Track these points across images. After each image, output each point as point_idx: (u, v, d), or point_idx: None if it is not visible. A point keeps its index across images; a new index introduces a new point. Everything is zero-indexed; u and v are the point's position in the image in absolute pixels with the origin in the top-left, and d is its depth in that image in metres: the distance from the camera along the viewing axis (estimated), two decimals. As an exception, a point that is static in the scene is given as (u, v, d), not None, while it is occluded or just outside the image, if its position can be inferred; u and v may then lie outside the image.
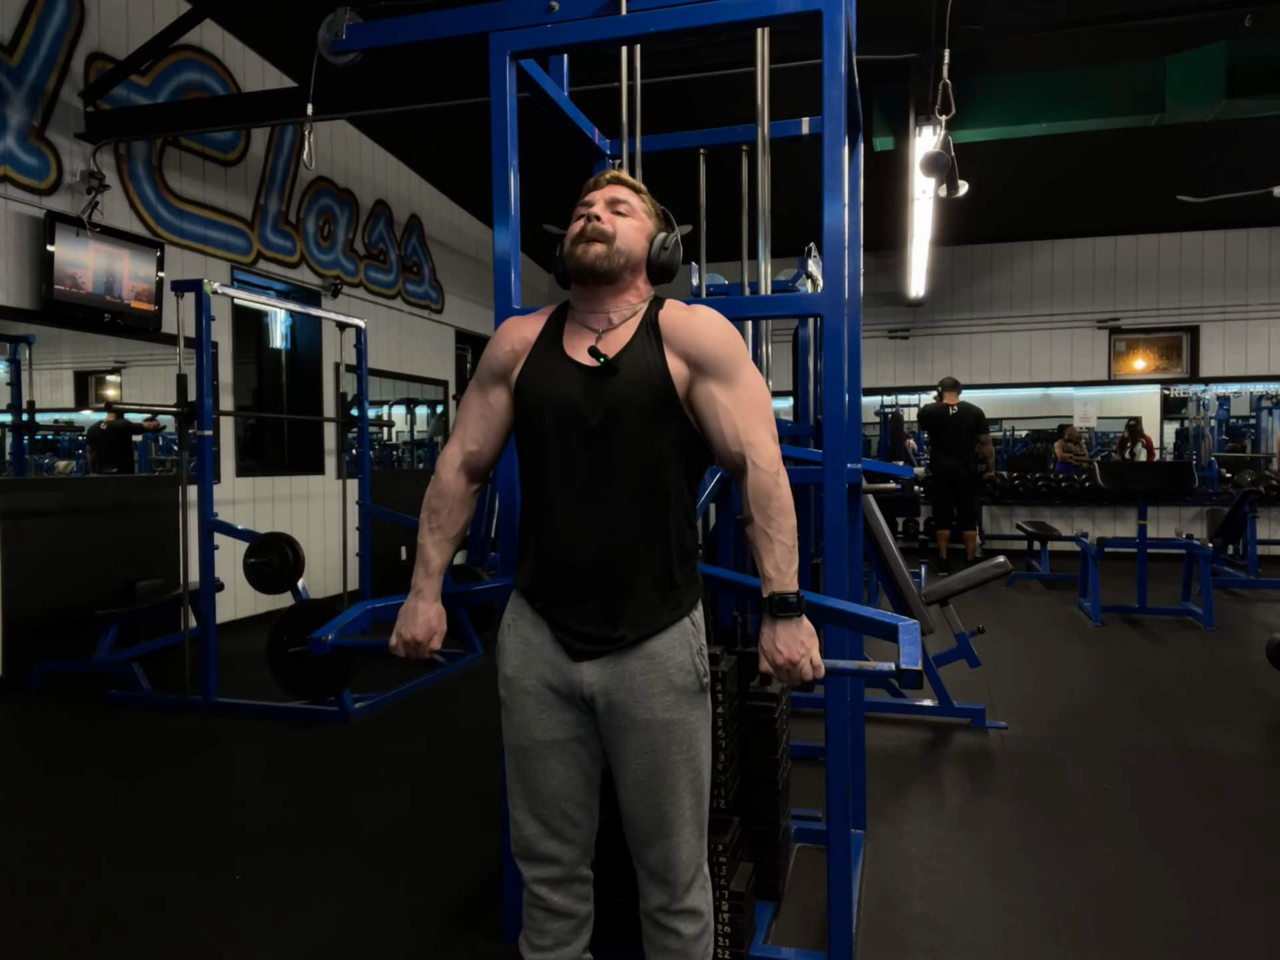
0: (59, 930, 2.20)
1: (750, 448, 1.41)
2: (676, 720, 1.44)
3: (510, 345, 1.55)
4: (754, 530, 1.42)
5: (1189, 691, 4.20)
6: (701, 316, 1.49)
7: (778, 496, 1.41)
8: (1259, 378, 9.23)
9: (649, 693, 1.43)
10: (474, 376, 1.60)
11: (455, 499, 1.57)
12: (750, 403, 1.45)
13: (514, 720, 1.51)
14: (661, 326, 1.48)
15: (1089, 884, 2.38)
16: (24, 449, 5.21)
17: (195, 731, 3.76)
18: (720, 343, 1.46)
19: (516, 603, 1.54)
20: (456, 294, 8.86)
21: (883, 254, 9.36)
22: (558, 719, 1.48)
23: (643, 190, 1.57)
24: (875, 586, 6.07)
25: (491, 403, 1.56)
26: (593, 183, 1.56)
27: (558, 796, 1.49)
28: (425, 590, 1.55)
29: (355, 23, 2.75)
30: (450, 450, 1.58)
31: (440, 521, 1.56)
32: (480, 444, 1.56)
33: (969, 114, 5.00)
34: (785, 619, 1.39)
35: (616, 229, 1.49)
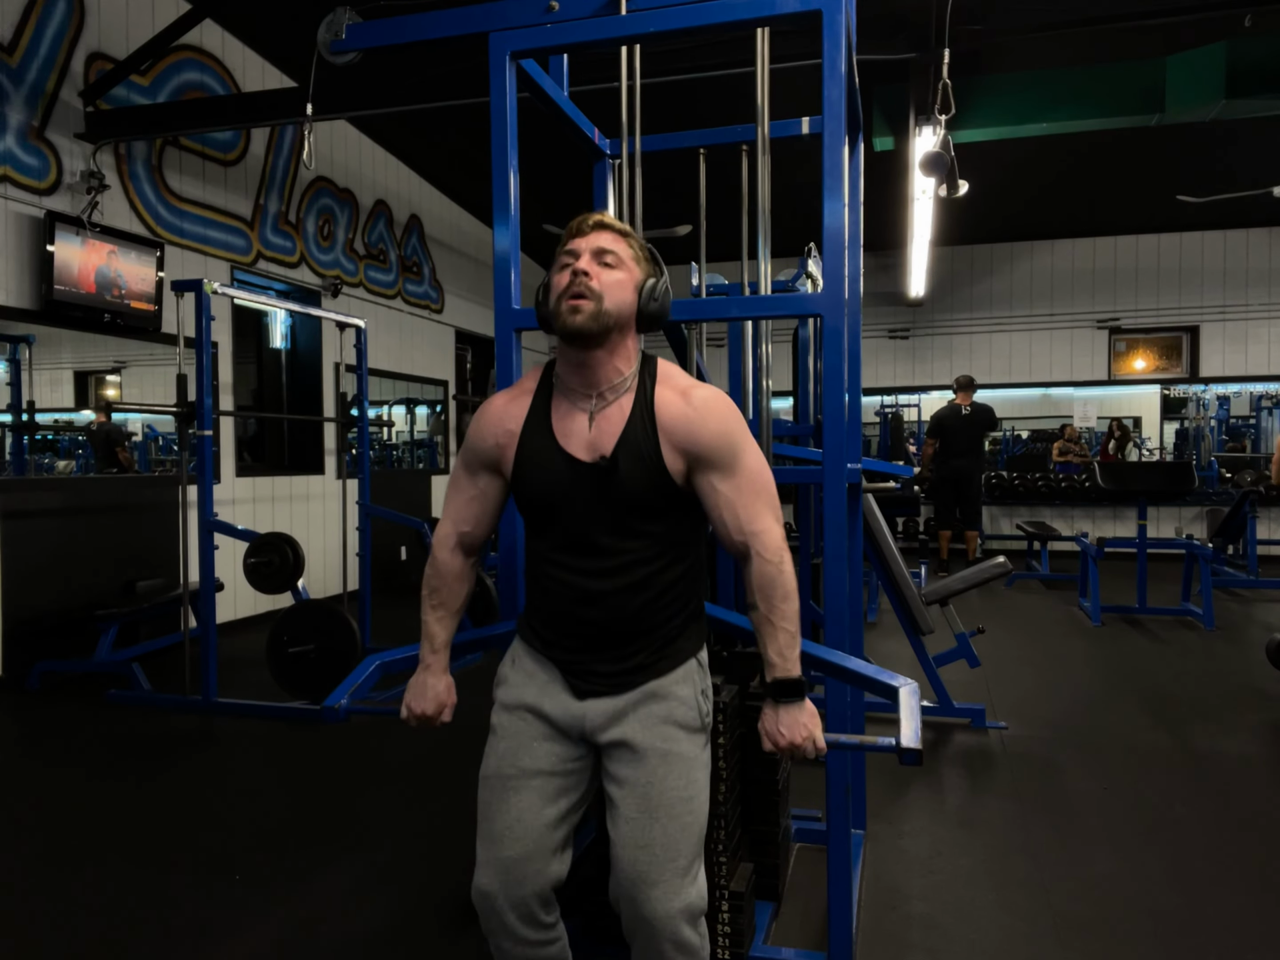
0: (59, 930, 2.20)
1: (754, 537, 1.40)
2: (675, 752, 1.43)
3: (494, 439, 1.49)
4: (758, 617, 1.42)
5: (1189, 691, 4.20)
6: (699, 409, 1.42)
7: (781, 584, 1.40)
8: (1259, 378, 9.23)
9: (649, 723, 1.43)
10: (460, 457, 1.57)
11: (454, 577, 1.57)
12: (752, 489, 1.42)
13: (501, 747, 1.48)
14: (658, 415, 1.42)
15: (1089, 884, 2.38)
16: (24, 449, 5.21)
17: (195, 731, 3.76)
18: (719, 434, 1.42)
19: (521, 643, 1.56)
20: (456, 294, 8.86)
21: (883, 254, 9.36)
22: (549, 750, 1.46)
23: (630, 234, 1.49)
24: (875, 586, 6.07)
25: (482, 488, 1.53)
26: (575, 227, 1.47)
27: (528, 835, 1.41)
28: (433, 665, 1.57)
29: (355, 22, 2.74)
30: (444, 530, 1.57)
31: (442, 599, 1.57)
32: (474, 525, 1.55)
33: (969, 114, 5.00)
34: (788, 704, 1.40)
35: (603, 286, 1.41)
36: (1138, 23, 4.21)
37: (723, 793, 2.00)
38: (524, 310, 1.91)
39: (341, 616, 3.95)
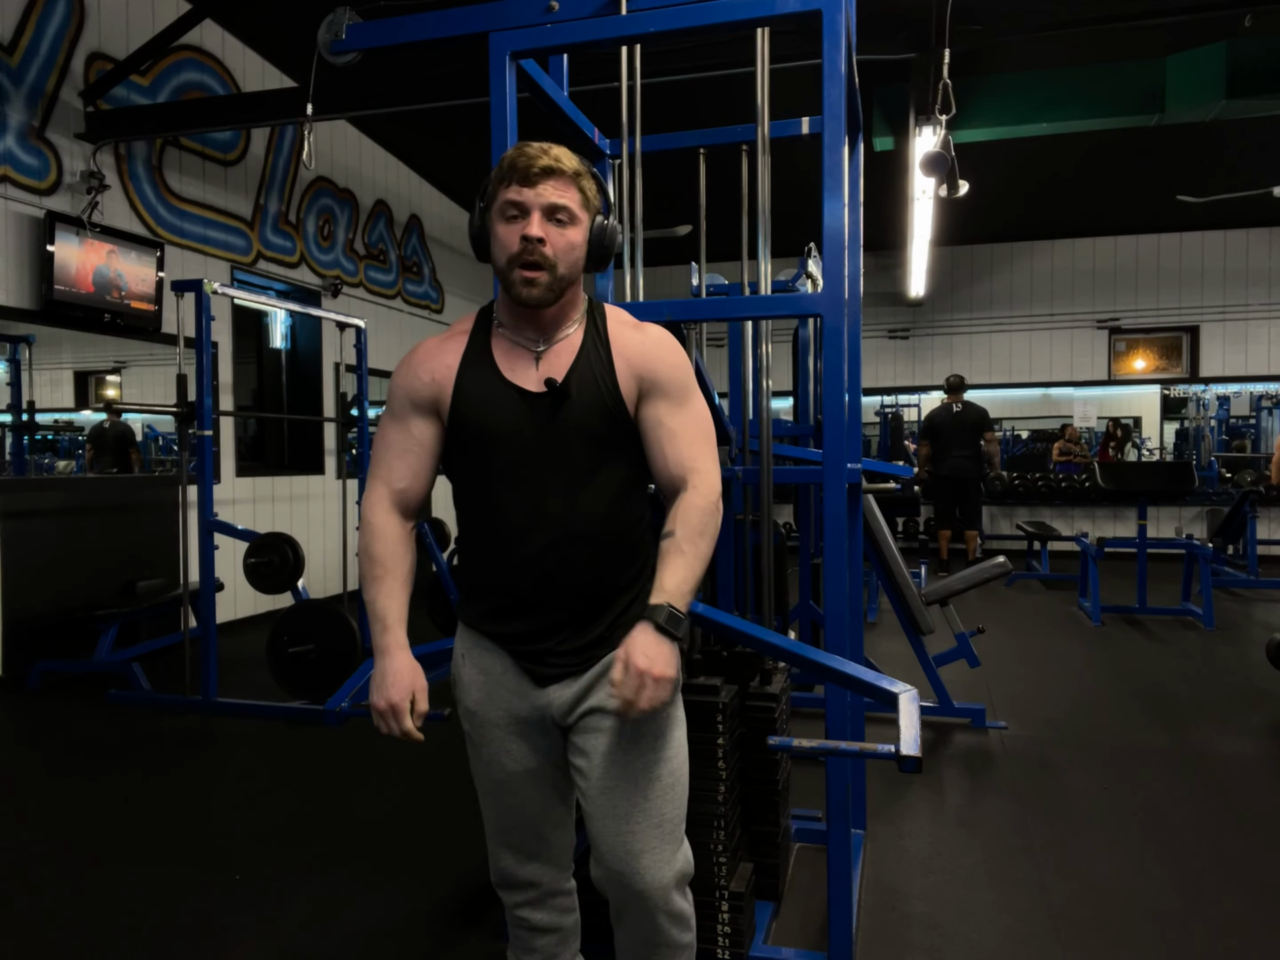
0: (59, 929, 2.20)
1: (694, 473, 1.34)
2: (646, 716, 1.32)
3: (430, 375, 1.37)
4: (670, 543, 1.30)
5: (1189, 691, 4.20)
6: (654, 337, 1.40)
7: (705, 520, 1.31)
8: (1259, 378, 9.23)
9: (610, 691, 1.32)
10: (386, 411, 1.43)
11: (394, 539, 1.38)
12: (699, 430, 1.37)
13: (483, 754, 1.44)
14: (614, 343, 1.37)
15: (1089, 884, 2.38)
16: (24, 449, 5.21)
17: (195, 731, 3.76)
18: (676, 366, 1.38)
19: (468, 633, 1.45)
20: (456, 294, 8.86)
21: (883, 254, 9.36)
22: (529, 747, 1.42)
23: (580, 172, 1.33)
24: (875, 586, 6.08)
25: (415, 434, 1.38)
26: (522, 168, 1.29)
27: (534, 821, 1.45)
28: (390, 646, 1.34)
29: (355, 23, 2.75)
30: (375, 493, 1.40)
31: (387, 567, 1.36)
32: (409, 480, 1.39)
33: (969, 114, 5.00)
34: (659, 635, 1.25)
35: (557, 251, 1.30)
36: (1138, 23, 4.21)
37: (722, 793, 2.01)
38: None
39: (341, 616, 3.95)
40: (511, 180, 1.29)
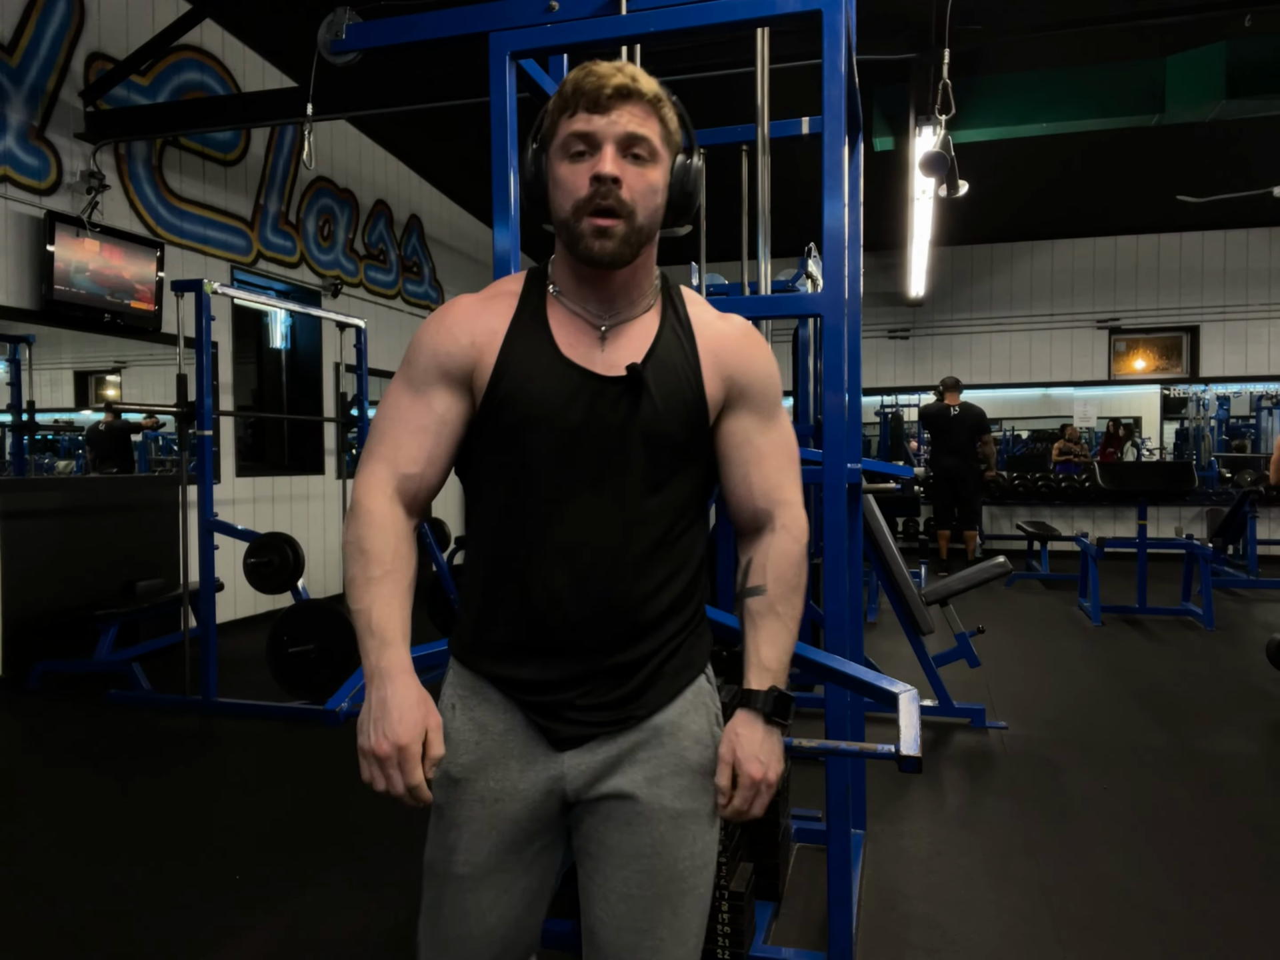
0: (59, 930, 2.20)
1: (781, 506, 1.11)
2: (688, 811, 1.07)
3: (470, 337, 1.07)
4: (761, 603, 1.08)
5: (1189, 691, 4.20)
6: (744, 332, 1.14)
7: (801, 572, 1.10)
8: (1259, 378, 9.23)
9: (655, 775, 1.07)
10: (401, 375, 1.11)
11: (396, 534, 1.05)
12: (788, 453, 1.14)
13: (449, 839, 1.09)
14: (697, 332, 1.11)
15: (1089, 884, 2.38)
16: (24, 449, 5.21)
17: (195, 731, 3.76)
18: (769, 372, 1.13)
19: (466, 676, 1.12)
20: (456, 294, 8.84)
21: (883, 254, 9.36)
22: (514, 834, 1.08)
23: (661, 97, 1.07)
24: (875, 586, 6.08)
25: (437, 410, 1.07)
26: (591, 92, 1.01)
27: (490, 941, 1.09)
28: (391, 668, 0.98)
29: (355, 23, 2.75)
30: (374, 474, 1.07)
31: (388, 567, 1.02)
32: (422, 466, 1.07)
33: (969, 114, 5.00)
34: (774, 727, 1.05)
35: (635, 196, 1.02)
36: (1138, 23, 4.21)
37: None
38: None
39: (341, 617, 3.95)
40: (578, 107, 1.02)
